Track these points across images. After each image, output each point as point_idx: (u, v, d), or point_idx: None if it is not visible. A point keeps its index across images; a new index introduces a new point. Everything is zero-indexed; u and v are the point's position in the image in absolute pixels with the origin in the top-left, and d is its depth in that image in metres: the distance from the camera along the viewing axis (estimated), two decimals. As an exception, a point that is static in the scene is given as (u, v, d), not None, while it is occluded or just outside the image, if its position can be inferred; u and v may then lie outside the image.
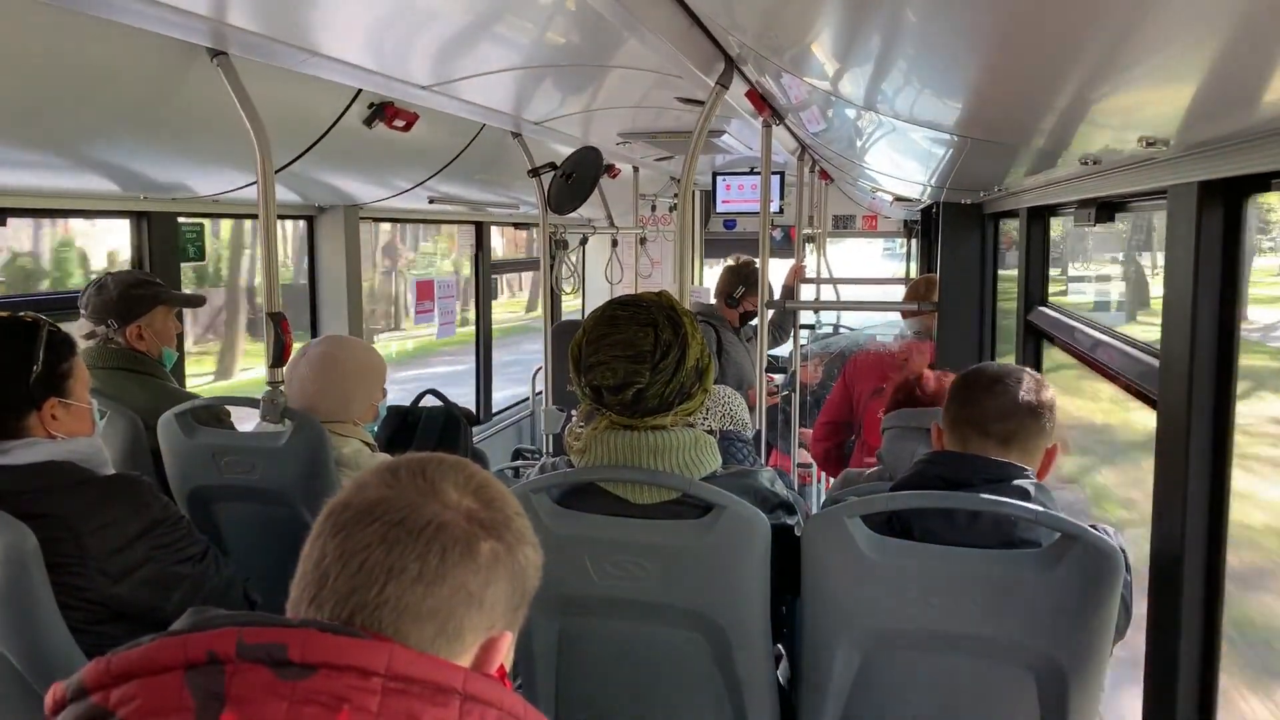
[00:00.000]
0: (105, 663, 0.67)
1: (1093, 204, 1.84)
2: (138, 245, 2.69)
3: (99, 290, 2.24)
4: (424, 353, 7.73)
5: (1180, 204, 1.32)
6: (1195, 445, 1.30)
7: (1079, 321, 2.07)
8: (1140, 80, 0.87)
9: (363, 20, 1.74)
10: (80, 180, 2.28)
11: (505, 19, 1.85)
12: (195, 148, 2.28)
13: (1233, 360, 1.27)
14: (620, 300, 1.47)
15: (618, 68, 2.33)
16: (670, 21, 1.58)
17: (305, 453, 1.93)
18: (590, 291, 5.97)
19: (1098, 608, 1.29)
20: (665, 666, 1.47)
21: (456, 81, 2.23)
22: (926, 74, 1.16)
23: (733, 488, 1.41)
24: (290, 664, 0.64)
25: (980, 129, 1.46)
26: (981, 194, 2.71)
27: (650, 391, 1.39)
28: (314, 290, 3.50)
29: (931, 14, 0.86)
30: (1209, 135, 1.11)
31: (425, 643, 0.72)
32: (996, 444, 1.48)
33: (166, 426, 2.01)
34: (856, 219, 6.39)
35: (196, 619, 0.69)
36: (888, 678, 1.41)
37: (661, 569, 1.40)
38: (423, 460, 0.79)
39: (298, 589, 0.74)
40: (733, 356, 4.14)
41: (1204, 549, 1.31)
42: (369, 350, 2.16)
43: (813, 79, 1.47)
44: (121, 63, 1.78)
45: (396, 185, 3.27)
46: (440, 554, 0.73)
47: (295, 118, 2.36)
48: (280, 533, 1.95)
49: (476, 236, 4.68)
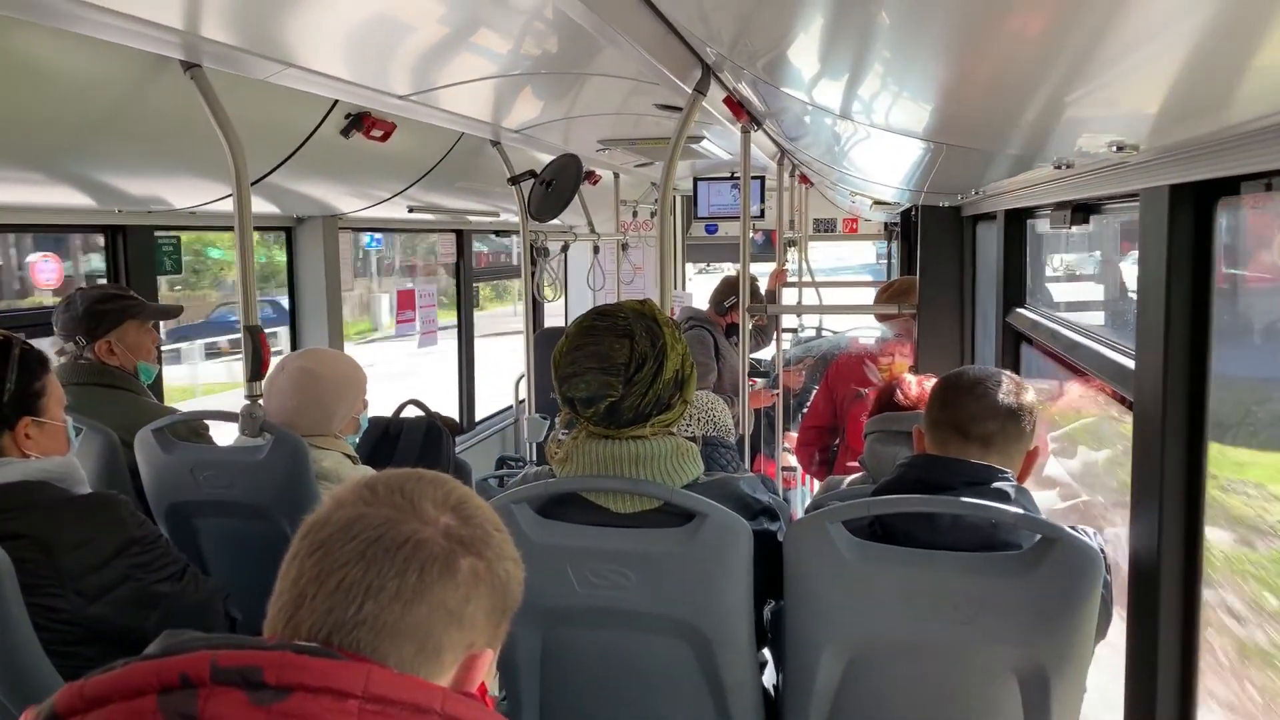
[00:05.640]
0: (79, 687, 0.66)
1: (1068, 206, 1.86)
2: (113, 259, 2.66)
3: (67, 307, 2.21)
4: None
5: (1152, 207, 1.34)
6: (1170, 445, 1.31)
7: (1056, 323, 2.09)
8: (1109, 86, 0.88)
9: (338, 32, 1.73)
10: (54, 194, 2.25)
11: (482, 29, 1.85)
12: (170, 161, 2.26)
13: (1206, 361, 1.28)
14: (599, 310, 1.46)
15: (596, 75, 2.33)
16: (647, 30, 1.58)
17: (284, 466, 1.91)
18: (573, 299, 5.97)
19: (1078, 608, 1.30)
20: (650, 675, 1.46)
21: (434, 91, 2.22)
22: (900, 82, 1.16)
23: (715, 495, 1.41)
24: (265, 686, 0.63)
25: (955, 135, 1.47)
26: (959, 197, 2.72)
27: (625, 405, 1.39)
28: (293, 301, 3.48)
29: (903, 23, 0.87)
30: (1178, 140, 1.12)
31: (404, 662, 0.71)
32: (977, 447, 1.48)
33: (143, 442, 1.99)
34: (837, 222, 6.42)
35: (169, 642, 0.69)
36: (872, 681, 1.41)
37: (644, 578, 1.39)
38: (401, 477, 0.78)
39: (275, 608, 0.73)
40: (729, 361, 4.16)
41: (1181, 548, 1.32)
42: (349, 362, 2.14)
43: (788, 88, 1.47)
44: (94, 75, 1.76)
45: (375, 195, 3.25)
46: (419, 571, 0.72)
47: (271, 129, 2.34)
48: (261, 547, 1.93)
49: (458, 245, 4.66)
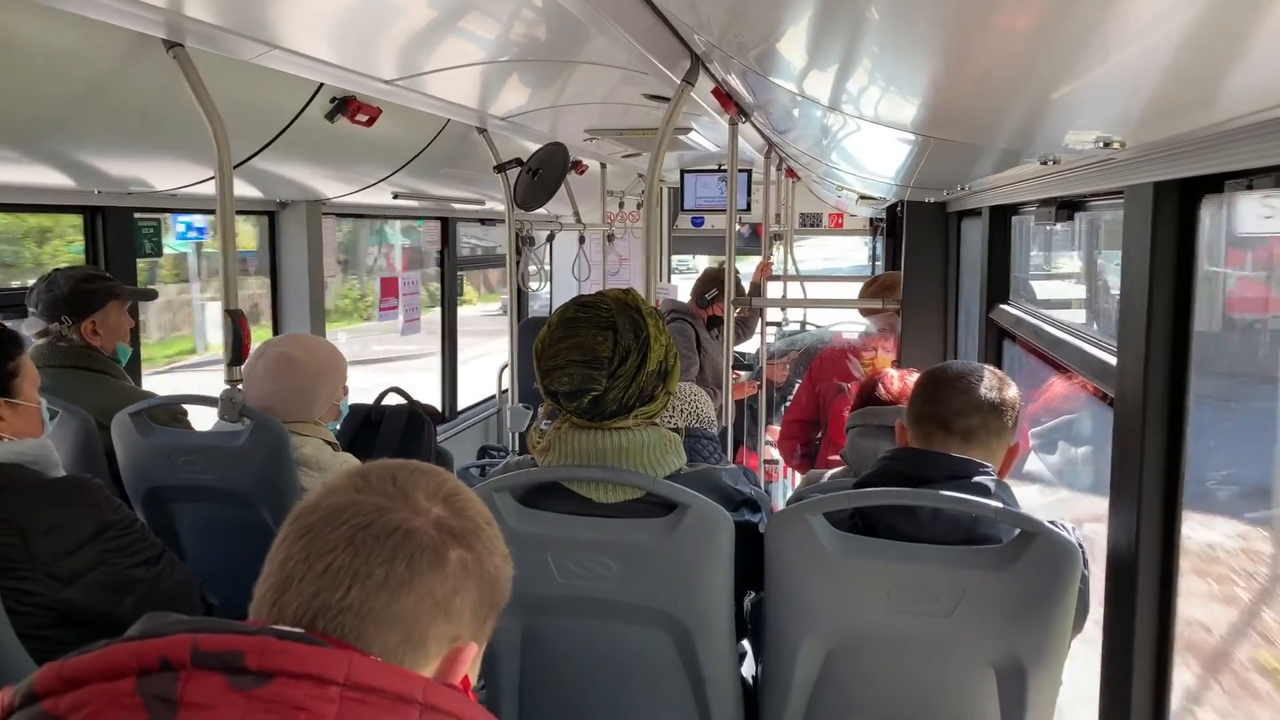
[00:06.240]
0: (58, 668, 0.65)
1: (1053, 203, 1.87)
2: (92, 241, 2.63)
3: (49, 287, 2.18)
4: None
5: (1136, 204, 1.35)
6: (1150, 441, 1.32)
7: (1039, 319, 2.10)
8: (1096, 81, 0.88)
9: (324, 13, 1.70)
10: (31, 174, 2.21)
11: (470, 14, 1.83)
12: (152, 141, 2.23)
13: (1187, 358, 1.29)
14: (581, 300, 1.44)
15: (584, 64, 2.32)
16: (635, 18, 1.57)
17: (263, 452, 1.90)
18: (558, 288, 5.95)
19: (1056, 602, 1.31)
20: (630, 665, 1.46)
21: (421, 76, 2.20)
22: (889, 74, 1.16)
23: (696, 485, 1.41)
24: (246, 671, 0.63)
25: (942, 128, 1.47)
26: (945, 193, 2.73)
27: (608, 397, 1.38)
28: (275, 286, 3.44)
29: (894, 15, 0.86)
30: (1162, 137, 1.13)
31: (388, 650, 0.70)
32: (959, 441, 1.49)
33: (121, 426, 1.97)
34: (823, 217, 6.43)
35: (150, 625, 0.68)
36: (851, 673, 1.42)
37: (625, 568, 1.39)
38: (394, 466, 0.78)
39: (261, 590, 0.73)
40: (710, 353, 4.16)
41: (1159, 543, 1.34)
42: (329, 349, 2.12)
43: (777, 78, 1.47)
44: (74, 51, 1.73)
45: (360, 180, 3.22)
46: (407, 560, 0.72)
47: (255, 111, 2.31)
48: (238, 533, 1.91)
49: (442, 232, 4.63)
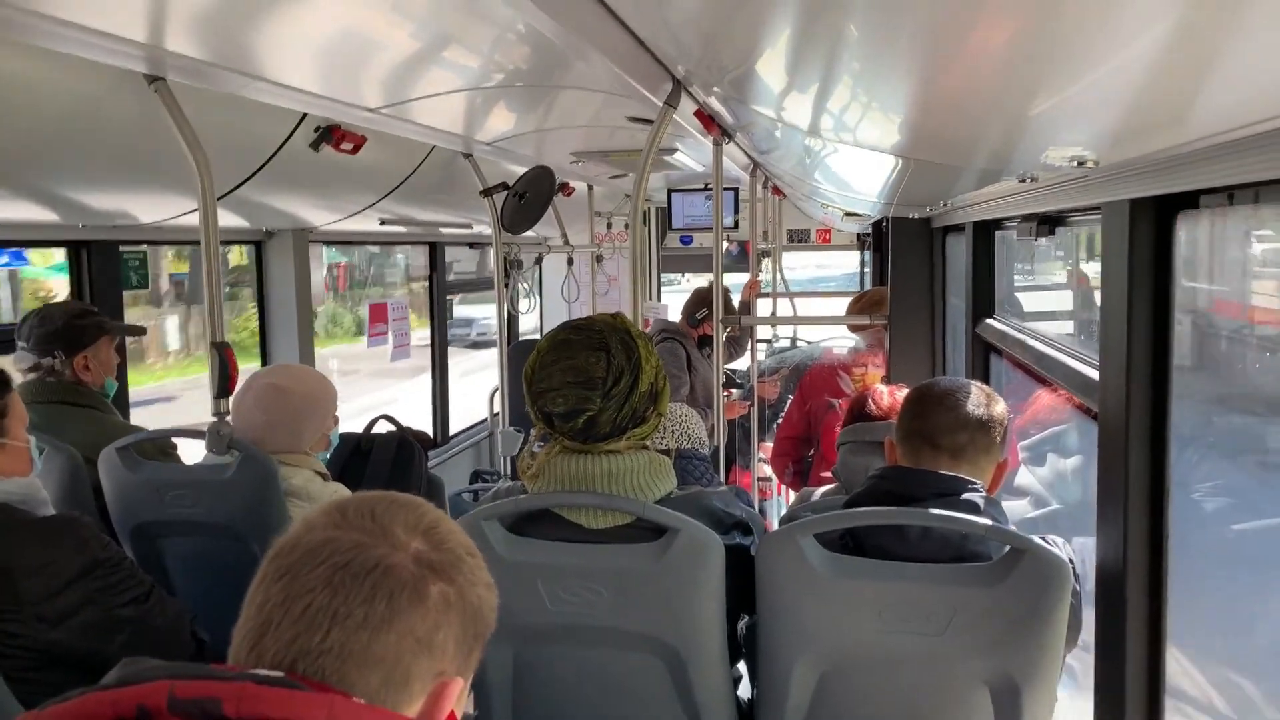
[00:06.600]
0: (34, 717, 0.64)
1: (1034, 219, 1.89)
2: (77, 275, 2.62)
3: (42, 321, 2.17)
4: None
5: (1113, 220, 1.36)
6: (1134, 455, 1.33)
7: (1024, 334, 2.11)
8: (1068, 103, 0.89)
9: (307, 44, 1.71)
10: (14, 209, 2.21)
11: (452, 43, 1.84)
12: (135, 175, 2.23)
13: (1167, 372, 1.30)
14: (573, 324, 1.46)
15: (568, 88, 2.33)
16: (616, 44, 1.58)
17: (252, 485, 1.89)
18: (547, 311, 5.96)
19: (1047, 618, 1.31)
20: (623, 692, 1.45)
21: (405, 104, 2.21)
22: (866, 100, 1.17)
23: (687, 509, 1.40)
24: (225, 718, 0.62)
25: (922, 150, 1.48)
26: (929, 209, 2.75)
27: (602, 418, 1.38)
28: (263, 316, 3.44)
29: (867, 44, 0.88)
30: (1137, 155, 1.14)
31: (371, 691, 0.70)
32: (947, 458, 1.49)
33: (108, 461, 1.95)
34: (811, 232, 6.46)
35: (127, 671, 0.67)
36: (845, 695, 1.41)
37: (616, 594, 1.39)
38: (373, 500, 0.77)
39: (240, 634, 0.72)
40: (700, 373, 4.16)
41: (1146, 556, 1.34)
42: (318, 378, 2.11)
43: (757, 105, 1.48)
44: (56, 87, 1.74)
45: (346, 208, 3.23)
46: (387, 598, 0.71)
47: (239, 142, 2.32)
48: (228, 567, 1.90)
49: (430, 257, 4.64)
